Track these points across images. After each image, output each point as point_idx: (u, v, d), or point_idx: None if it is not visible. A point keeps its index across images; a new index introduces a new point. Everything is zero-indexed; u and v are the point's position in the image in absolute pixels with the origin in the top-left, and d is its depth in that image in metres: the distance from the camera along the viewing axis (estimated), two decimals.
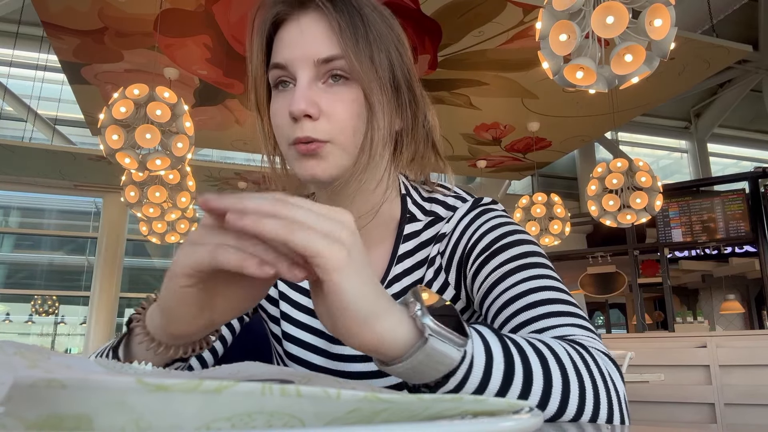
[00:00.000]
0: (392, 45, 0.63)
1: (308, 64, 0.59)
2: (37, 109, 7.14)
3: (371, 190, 0.67)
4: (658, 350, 4.21)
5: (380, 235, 0.71)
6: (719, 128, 10.12)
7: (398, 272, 0.69)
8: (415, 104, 0.66)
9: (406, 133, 0.66)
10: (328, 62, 0.59)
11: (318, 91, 0.59)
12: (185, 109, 3.46)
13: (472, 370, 0.41)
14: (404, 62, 0.64)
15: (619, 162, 4.14)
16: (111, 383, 0.17)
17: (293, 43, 0.60)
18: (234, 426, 0.18)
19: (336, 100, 0.60)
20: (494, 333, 0.45)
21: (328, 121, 0.59)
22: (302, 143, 0.59)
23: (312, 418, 0.18)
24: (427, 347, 0.39)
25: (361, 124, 0.61)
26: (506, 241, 0.63)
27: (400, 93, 0.64)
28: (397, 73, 0.63)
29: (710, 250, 5.83)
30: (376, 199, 0.68)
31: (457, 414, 0.20)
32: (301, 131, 0.59)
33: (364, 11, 0.61)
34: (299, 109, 0.57)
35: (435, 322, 0.39)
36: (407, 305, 0.41)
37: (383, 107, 0.61)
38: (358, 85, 0.60)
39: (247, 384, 0.18)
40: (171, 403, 0.17)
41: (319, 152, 0.59)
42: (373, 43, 0.60)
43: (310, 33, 0.60)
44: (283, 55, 0.61)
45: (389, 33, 0.63)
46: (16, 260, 9.10)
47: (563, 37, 2.34)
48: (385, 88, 0.61)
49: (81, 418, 0.17)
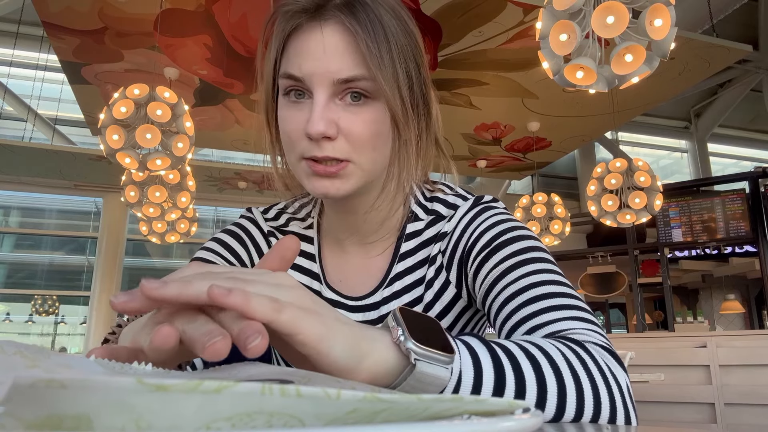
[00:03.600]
0: (410, 56, 0.60)
1: (328, 82, 0.56)
2: (37, 109, 7.13)
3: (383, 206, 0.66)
4: (658, 350, 4.21)
5: (384, 233, 0.71)
6: (719, 128, 10.12)
7: (400, 270, 0.69)
8: (428, 114, 0.65)
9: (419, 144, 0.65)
10: (350, 81, 0.56)
11: (336, 108, 0.57)
12: (185, 109, 3.46)
13: (461, 384, 0.41)
14: (421, 72, 0.62)
15: (618, 162, 4.14)
16: (111, 383, 0.17)
17: (312, 57, 0.56)
18: (234, 426, 0.18)
19: (355, 120, 0.57)
20: (482, 343, 0.45)
21: (347, 140, 0.57)
22: (318, 163, 0.57)
23: (312, 418, 0.19)
24: (416, 373, 0.38)
25: (380, 142, 0.59)
26: (506, 238, 0.63)
27: (418, 107, 0.62)
28: (416, 87, 0.61)
29: (710, 250, 5.82)
30: (386, 209, 0.67)
31: (456, 414, 0.20)
32: (320, 151, 0.57)
33: (384, 20, 0.57)
34: (318, 131, 0.55)
35: (418, 345, 0.38)
36: (389, 329, 0.40)
37: (408, 128, 0.59)
38: (378, 104, 0.57)
39: (247, 384, 0.18)
40: (171, 403, 0.17)
41: (340, 173, 0.58)
42: (396, 59, 0.58)
43: (331, 48, 0.56)
44: (299, 67, 0.57)
45: (408, 42, 0.60)
46: (16, 260, 9.10)
47: (563, 37, 2.34)
48: (405, 106, 0.59)
49: (81, 418, 0.17)
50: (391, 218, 0.70)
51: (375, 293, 0.70)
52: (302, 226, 0.76)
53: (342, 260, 0.72)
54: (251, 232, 0.75)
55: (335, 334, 0.36)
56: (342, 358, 0.36)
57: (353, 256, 0.72)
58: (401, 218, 0.71)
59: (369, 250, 0.71)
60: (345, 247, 0.72)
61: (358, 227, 0.69)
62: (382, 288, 0.69)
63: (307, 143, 0.57)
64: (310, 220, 0.76)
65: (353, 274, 0.72)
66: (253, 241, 0.75)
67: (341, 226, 0.71)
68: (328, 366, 0.36)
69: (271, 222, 0.77)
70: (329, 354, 0.35)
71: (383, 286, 0.69)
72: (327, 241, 0.74)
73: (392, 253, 0.71)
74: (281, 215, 0.77)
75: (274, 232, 0.76)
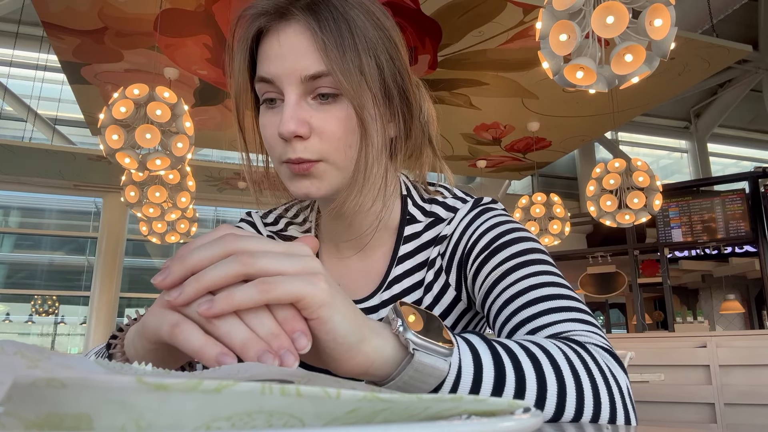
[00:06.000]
0: (382, 49, 0.60)
1: (295, 81, 0.57)
2: (37, 109, 7.13)
3: (370, 206, 0.66)
4: (658, 350, 4.21)
5: (380, 237, 0.70)
6: (719, 128, 10.12)
7: (398, 273, 0.69)
8: (409, 108, 0.64)
9: (400, 138, 0.65)
10: (315, 79, 0.56)
11: (307, 108, 0.58)
12: (185, 109, 3.46)
13: (461, 378, 0.41)
14: (395, 65, 0.62)
15: (617, 162, 4.13)
16: (111, 382, 0.17)
17: (278, 58, 0.57)
18: (234, 426, 0.18)
19: (327, 118, 0.58)
20: (483, 339, 0.45)
21: (320, 139, 0.58)
22: (294, 163, 0.58)
23: (312, 417, 0.19)
24: (414, 362, 0.39)
25: (354, 139, 0.59)
26: (505, 240, 0.63)
27: (392, 100, 0.62)
28: (389, 80, 0.60)
29: (710, 250, 5.82)
30: (377, 211, 0.67)
31: (456, 414, 0.20)
32: (293, 152, 0.57)
33: (349, 15, 0.58)
34: (288, 131, 0.56)
35: (418, 335, 0.39)
36: (389, 323, 0.41)
37: (376, 122, 0.59)
38: (348, 101, 0.58)
39: (247, 383, 0.18)
40: (171, 403, 0.17)
41: (312, 171, 0.58)
42: (362, 52, 0.57)
43: (294, 48, 0.57)
44: (268, 69, 0.58)
45: (378, 35, 0.60)
46: (16, 260, 9.09)
47: (563, 37, 2.34)
48: (377, 100, 0.59)
49: (81, 417, 0.17)
50: (386, 220, 0.69)
51: (374, 296, 0.69)
52: (300, 230, 0.76)
53: (340, 264, 0.72)
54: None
55: (338, 306, 0.37)
56: (341, 330, 0.37)
57: (351, 260, 0.72)
58: (397, 220, 0.71)
59: (367, 254, 0.71)
60: (342, 251, 0.72)
61: (353, 230, 0.69)
62: (380, 291, 0.69)
63: (282, 145, 0.58)
64: (308, 224, 0.76)
65: (352, 277, 0.71)
66: None
67: (336, 230, 0.71)
68: (326, 335, 0.36)
69: (270, 227, 0.77)
70: (328, 321, 0.36)
71: (382, 289, 0.69)
72: (325, 246, 0.74)
73: (390, 255, 0.70)
74: (280, 219, 0.78)
75: (273, 236, 0.76)
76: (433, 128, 0.70)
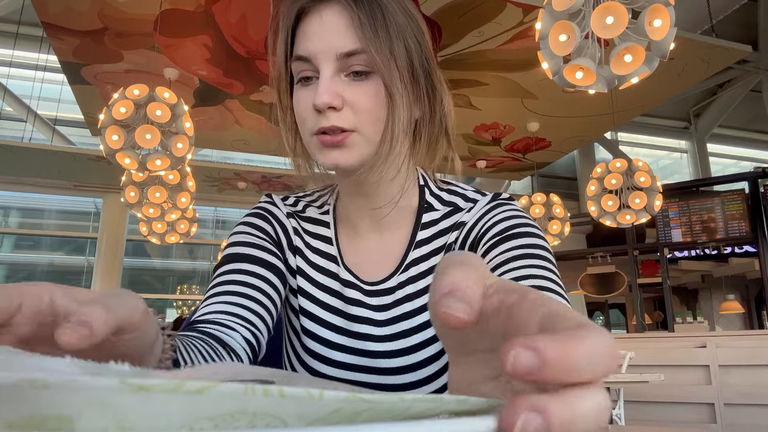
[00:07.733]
0: (411, 34, 0.65)
1: (331, 57, 0.61)
2: (36, 110, 7.13)
3: (391, 180, 0.69)
4: (658, 350, 4.21)
5: (399, 221, 0.74)
6: (719, 128, 10.11)
7: (416, 257, 0.72)
8: (433, 91, 0.68)
9: (423, 121, 0.69)
10: (350, 56, 0.61)
11: (341, 83, 0.62)
12: (185, 110, 3.46)
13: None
14: (423, 51, 0.66)
15: (618, 162, 4.14)
16: (93, 384, 0.17)
17: (316, 36, 0.62)
18: (217, 426, 0.18)
19: (359, 92, 0.62)
20: None
21: (352, 111, 0.62)
22: (326, 134, 0.61)
23: (294, 418, 0.19)
24: None
25: (383, 113, 0.63)
26: (517, 231, 0.66)
27: (419, 82, 0.66)
28: (416, 63, 0.65)
29: (710, 250, 5.83)
30: (396, 188, 0.70)
31: (438, 414, 0.20)
32: (327, 121, 0.61)
33: (382, 1, 0.63)
34: (323, 102, 0.60)
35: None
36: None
37: (403, 98, 0.63)
38: (379, 78, 0.62)
39: (230, 384, 0.18)
40: (153, 404, 0.17)
41: (345, 142, 0.62)
42: (393, 35, 0.62)
43: (332, 26, 0.62)
44: (306, 47, 0.62)
45: (408, 22, 0.65)
46: (16, 260, 9.09)
47: (563, 38, 2.34)
48: (404, 79, 0.63)
49: (62, 419, 0.17)
50: (404, 202, 0.72)
51: (391, 278, 0.72)
52: (319, 212, 0.79)
53: (358, 246, 0.75)
54: (273, 211, 0.79)
55: None
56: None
57: (370, 243, 0.75)
58: (416, 206, 0.74)
59: (385, 237, 0.74)
60: (361, 233, 0.75)
61: (374, 202, 0.71)
62: (398, 273, 0.72)
63: (315, 117, 0.62)
64: (326, 207, 0.79)
65: (369, 259, 0.74)
66: (276, 219, 0.78)
67: (356, 210, 0.74)
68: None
69: (290, 207, 0.81)
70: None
71: (399, 272, 0.72)
72: (343, 228, 0.77)
73: (408, 239, 0.73)
74: (299, 202, 0.81)
75: (293, 214, 0.79)
76: (450, 120, 0.73)
